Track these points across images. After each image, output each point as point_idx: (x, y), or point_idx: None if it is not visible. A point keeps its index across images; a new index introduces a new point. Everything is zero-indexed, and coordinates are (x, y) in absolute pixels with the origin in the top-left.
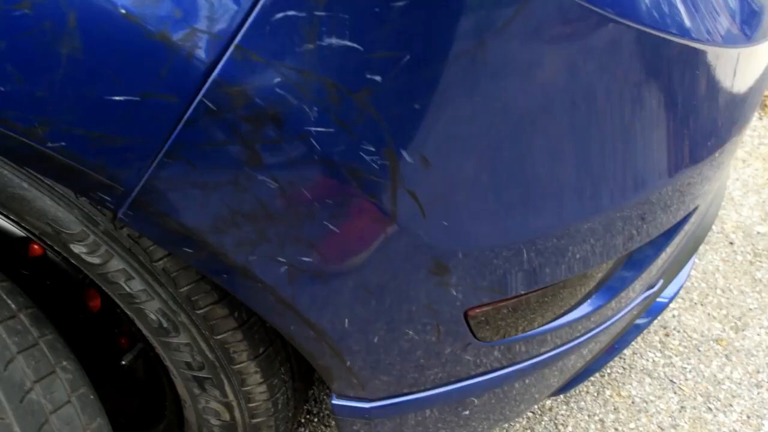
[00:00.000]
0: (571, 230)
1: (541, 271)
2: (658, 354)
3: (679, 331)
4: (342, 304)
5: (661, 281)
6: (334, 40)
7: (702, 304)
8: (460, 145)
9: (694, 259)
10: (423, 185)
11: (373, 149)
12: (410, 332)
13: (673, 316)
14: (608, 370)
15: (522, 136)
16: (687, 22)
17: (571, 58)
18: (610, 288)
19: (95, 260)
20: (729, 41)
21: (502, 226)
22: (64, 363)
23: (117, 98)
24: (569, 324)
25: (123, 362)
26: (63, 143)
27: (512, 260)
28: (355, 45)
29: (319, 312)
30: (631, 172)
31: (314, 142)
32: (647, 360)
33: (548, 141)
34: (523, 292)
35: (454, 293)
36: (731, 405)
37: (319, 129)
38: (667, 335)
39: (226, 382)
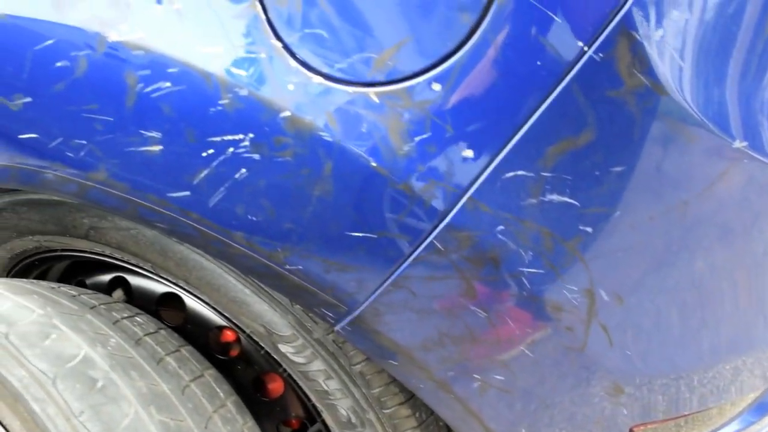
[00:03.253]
0: (742, 359)
1: (707, 394)
2: None
3: None
4: (522, 416)
5: None
6: (555, 197)
7: None
8: (652, 287)
9: None
10: (614, 319)
11: (575, 288)
12: None
13: None
14: None
15: (709, 280)
16: None
17: (762, 210)
18: (762, 405)
19: (300, 360)
20: None
21: (679, 357)
22: None
23: (356, 234)
24: None
25: None
26: (300, 267)
27: (683, 384)
28: (573, 201)
29: (500, 422)
30: None
31: (525, 281)
32: None
33: (729, 285)
34: (686, 413)
35: (625, 411)
36: None
37: (531, 270)
38: None
39: None
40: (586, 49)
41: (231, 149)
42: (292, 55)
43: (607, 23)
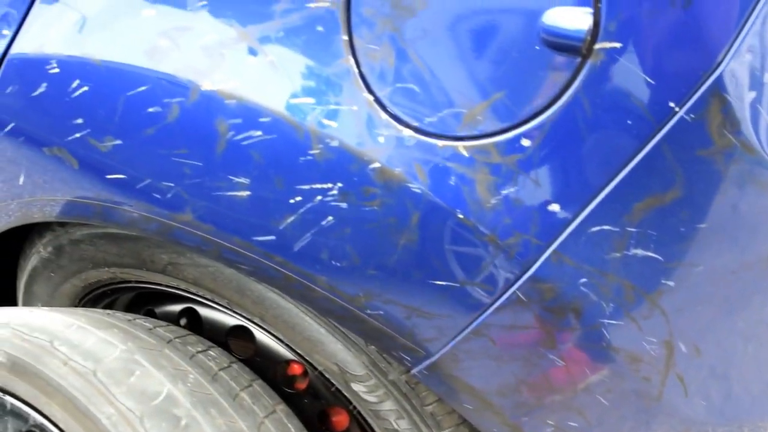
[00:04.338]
0: None
1: None
2: None
3: None
4: None
5: None
6: (639, 251)
7: None
8: (730, 339)
9: None
10: (691, 370)
11: (654, 340)
12: None
13: None
14: None
15: None
16: None
17: None
18: None
19: (372, 399)
20: None
21: (752, 406)
22: None
23: (439, 282)
24: None
25: None
26: (381, 312)
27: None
28: (657, 256)
29: None
30: None
31: (605, 332)
32: None
33: None
34: None
35: None
36: None
37: (611, 321)
38: None
39: None
40: (677, 109)
41: (319, 197)
42: (384, 108)
43: (700, 85)
